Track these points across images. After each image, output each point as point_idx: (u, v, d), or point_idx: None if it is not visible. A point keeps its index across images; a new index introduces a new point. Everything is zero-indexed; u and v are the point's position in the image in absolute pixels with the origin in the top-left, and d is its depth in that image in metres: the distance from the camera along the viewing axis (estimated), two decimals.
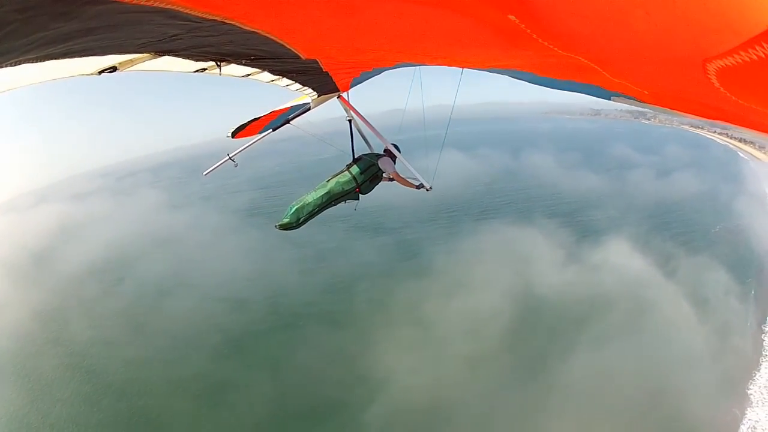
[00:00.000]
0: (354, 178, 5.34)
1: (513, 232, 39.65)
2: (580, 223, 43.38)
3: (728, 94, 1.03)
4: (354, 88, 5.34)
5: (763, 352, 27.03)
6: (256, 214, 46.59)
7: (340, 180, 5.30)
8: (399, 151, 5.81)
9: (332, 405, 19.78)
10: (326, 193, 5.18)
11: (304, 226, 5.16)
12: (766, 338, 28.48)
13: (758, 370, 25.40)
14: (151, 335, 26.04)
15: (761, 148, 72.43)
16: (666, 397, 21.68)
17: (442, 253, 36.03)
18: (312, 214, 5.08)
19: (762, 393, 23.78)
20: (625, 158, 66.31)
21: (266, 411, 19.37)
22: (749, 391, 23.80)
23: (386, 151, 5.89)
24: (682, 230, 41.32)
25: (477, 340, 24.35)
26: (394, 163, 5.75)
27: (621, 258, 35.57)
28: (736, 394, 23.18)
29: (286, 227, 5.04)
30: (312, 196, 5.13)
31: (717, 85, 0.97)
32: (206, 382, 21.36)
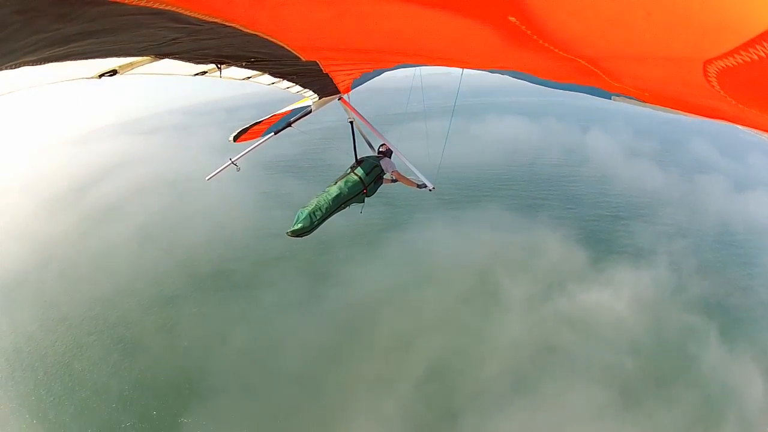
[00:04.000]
0: (361, 179, 5.29)
1: (515, 238, 29.87)
2: (612, 236, 30.83)
3: (728, 97, 1.03)
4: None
5: None
6: (277, 170, 40.52)
7: (348, 182, 5.23)
8: (397, 150, 5.85)
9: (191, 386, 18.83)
10: (337, 195, 5.08)
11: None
12: None
13: None
14: (104, 277, 26.26)
15: None
16: None
17: (414, 245, 28.67)
18: (323, 219, 4.95)
19: None
20: (705, 159, 52.67)
21: (146, 375, 18.80)
22: None
23: (383, 151, 5.92)
24: (739, 271, 27.36)
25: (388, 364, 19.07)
26: (393, 163, 5.79)
27: (629, 307, 22.79)
28: None
29: (298, 233, 4.82)
30: (323, 199, 5.01)
31: (717, 87, 0.97)
32: (125, 331, 20.85)
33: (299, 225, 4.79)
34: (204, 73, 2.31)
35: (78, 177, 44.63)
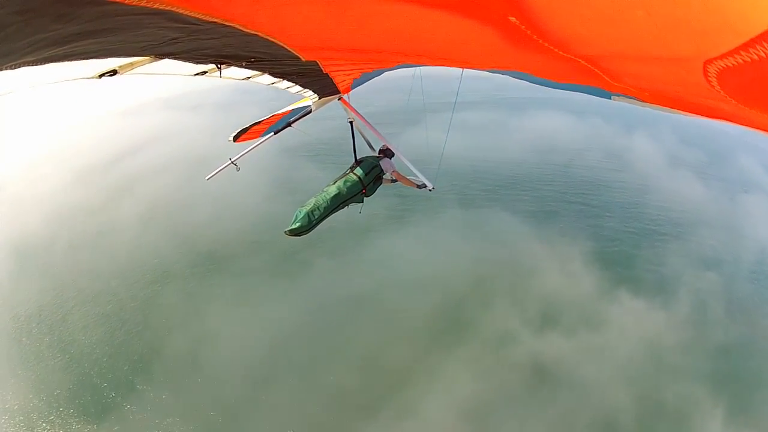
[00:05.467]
0: (360, 180, 5.30)
1: (527, 247, 26.27)
2: (639, 255, 26.58)
3: (728, 97, 1.03)
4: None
5: None
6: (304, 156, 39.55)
7: (347, 182, 5.24)
8: (397, 150, 5.84)
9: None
10: (336, 195, 5.09)
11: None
12: None
13: None
14: (104, 250, 25.90)
15: None
16: None
17: (411, 246, 25.73)
18: (322, 218, 4.96)
19: None
20: (750, 177, 43.35)
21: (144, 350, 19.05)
22: None
23: (383, 151, 5.91)
24: None
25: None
26: (393, 163, 5.78)
27: (624, 362, 18.13)
28: None
29: (296, 232, 4.84)
30: (322, 199, 5.02)
31: (717, 87, 0.97)
32: (133, 305, 21.64)
33: (297, 224, 4.82)
34: (204, 73, 2.31)
35: (111, 150, 44.50)
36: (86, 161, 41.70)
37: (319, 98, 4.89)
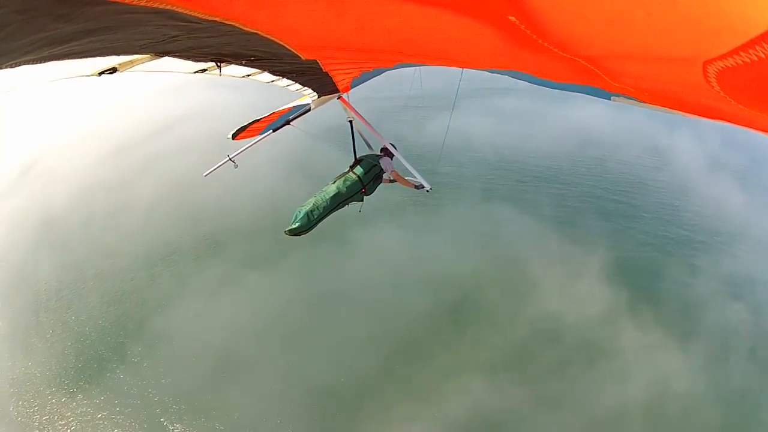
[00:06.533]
0: (359, 179, 5.32)
1: (537, 253, 23.19)
2: (665, 270, 23.26)
3: (727, 98, 1.03)
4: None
5: None
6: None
7: (346, 181, 5.27)
8: (396, 150, 5.82)
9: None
10: (335, 194, 5.14)
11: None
12: None
13: None
14: (126, 229, 27.13)
15: None
16: None
17: (412, 241, 23.04)
18: (321, 218, 5.02)
19: None
20: None
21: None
22: None
23: (384, 150, 5.91)
24: None
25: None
26: (392, 162, 5.78)
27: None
28: None
29: (296, 232, 4.93)
30: (321, 198, 5.07)
31: (717, 88, 0.97)
32: (136, 287, 21.94)
33: (297, 224, 4.88)
34: (204, 71, 2.31)
35: (148, 129, 44.45)
36: (121, 140, 41.18)
37: (319, 96, 4.88)
